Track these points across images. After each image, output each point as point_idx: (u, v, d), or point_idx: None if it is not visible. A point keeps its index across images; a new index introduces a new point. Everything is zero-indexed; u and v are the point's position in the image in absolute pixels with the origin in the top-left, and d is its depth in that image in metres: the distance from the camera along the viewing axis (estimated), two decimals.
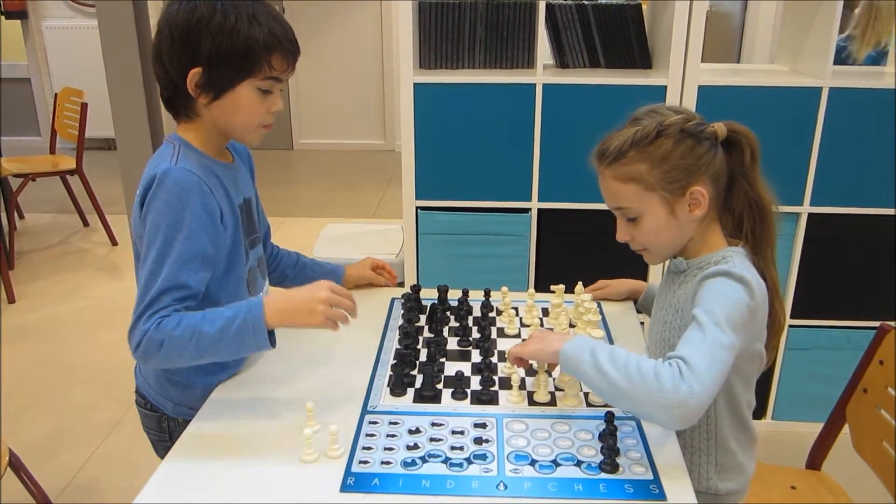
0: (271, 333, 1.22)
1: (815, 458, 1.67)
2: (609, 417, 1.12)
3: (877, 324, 2.21)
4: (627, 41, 2.30)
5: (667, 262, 1.37)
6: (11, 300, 3.59)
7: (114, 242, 4.35)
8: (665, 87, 2.13)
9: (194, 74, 1.22)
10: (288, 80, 1.32)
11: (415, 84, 2.15)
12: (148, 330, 1.17)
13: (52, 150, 4.70)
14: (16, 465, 1.79)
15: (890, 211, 2.21)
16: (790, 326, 2.35)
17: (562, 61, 2.34)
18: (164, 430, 1.41)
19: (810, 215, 2.24)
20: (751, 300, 1.16)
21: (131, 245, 1.37)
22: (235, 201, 1.35)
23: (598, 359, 1.10)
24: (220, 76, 1.23)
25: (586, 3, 2.30)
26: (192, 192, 1.22)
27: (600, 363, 1.09)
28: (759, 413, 2.45)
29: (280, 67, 1.26)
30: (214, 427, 1.21)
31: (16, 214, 4.58)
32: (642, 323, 1.67)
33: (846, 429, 1.60)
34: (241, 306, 1.20)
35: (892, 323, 2.27)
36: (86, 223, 4.65)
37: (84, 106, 4.18)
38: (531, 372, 1.34)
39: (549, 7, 2.25)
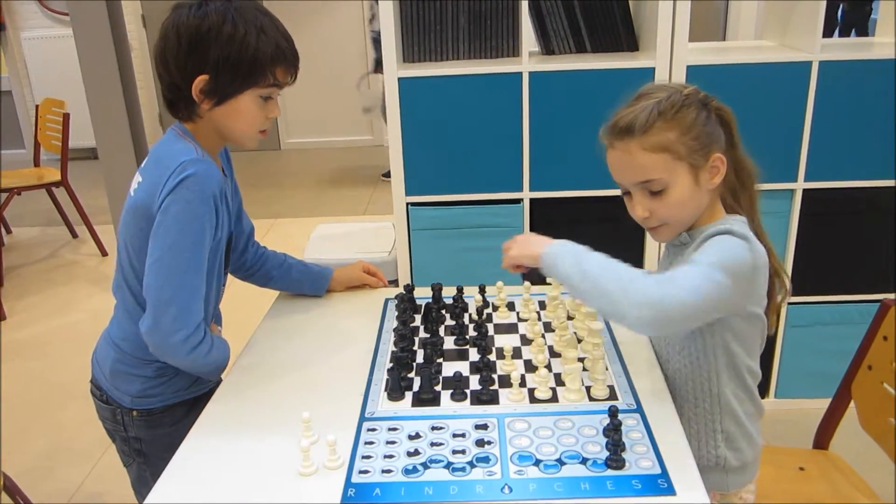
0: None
1: (823, 438, 1.65)
2: (613, 411, 1.09)
3: (876, 297, 2.21)
4: (613, 24, 2.27)
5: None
6: (2, 317, 3.55)
7: (103, 253, 4.30)
8: (653, 68, 2.10)
9: (200, 81, 1.25)
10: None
11: (399, 79, 2.11)
12: (205, 336, 1.29)
13: (37, 163, 4.65)
14: (10, 488, 1.75)
15: (885, 182, 2.18)
16: (790, 304, 2.33)
17: (547, 48, 2.30)
18: (119, 423, 1.42)
19: (805, 191, 2.22)
20: (751, 257, 1.16)
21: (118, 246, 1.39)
22: (230, 207, 1.38)
23: (579, 253, 1.17)
24: (226, 84, 1.26)
25: None
26: (214, 191, 1.26)
27: (580, 256, 1.17)
28: (762, 391, 2.42)
29: (283, 79, 1.31)
30: (209, 443, 1.18)
31: (2, 229, 4.54)
32: None
33: (853, 407, 1.58)
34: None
35: (893, 296, 2.28)
36: (74, 235, 4.61)
37: (66, 117, 4.13)
38: (531, 368, 1.31)
39: None
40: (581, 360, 1.31)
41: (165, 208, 1.23)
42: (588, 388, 1.24)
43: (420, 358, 1.36)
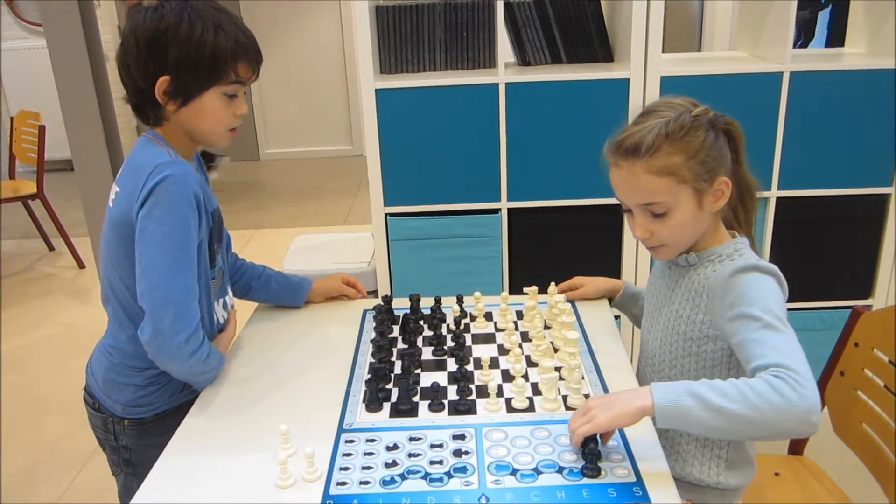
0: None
1: (797, 444, 1.67)
2: None
3: (847, 303, 2.24)
4: (588, 36, 2.30)
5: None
6: None
7: (80, 265, 4.27)
8: (628, 79, 2.12)
9: (162, 82, 1.26)
10: (250, 85, 1.37)
11: (376, 90, 2.12)
12: (204, 340, 1.28)
13: (12, 175, 4.60)
14: None
15: (856, 191, 2.22)
16: None
17: (523, 59, 2.32)
18: (110, 431, 1.42)
19: (778, 199, 2.25)
20: (783, 293, 1.17)
21: (97, 265, 1.38)
22: (209, 209, 1.36)
23: (707, 399, 1.02)
24: (188, 83, 1.27)
25: None
26: (195, 190, 1.27)
27: (712, 403, 1.01)
28: None
29: (245, 75, 1.31)
30: (187, 456, 1.18)
31: None
32: (617, 317, 1.65)
33: (826, 413, 1.60)
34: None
35: (867, 302, 2.31)
36: (51, 247, 4.56)
37: (42, 128, 4.10)
38: (508, 378, 1.32)
39: (507, 5, 2.24)
40: (558, 369, 1.32)
41: (147, 213, 1.23)
42: (564, 398, 1.26)
43: (398, 369, 1.37)
